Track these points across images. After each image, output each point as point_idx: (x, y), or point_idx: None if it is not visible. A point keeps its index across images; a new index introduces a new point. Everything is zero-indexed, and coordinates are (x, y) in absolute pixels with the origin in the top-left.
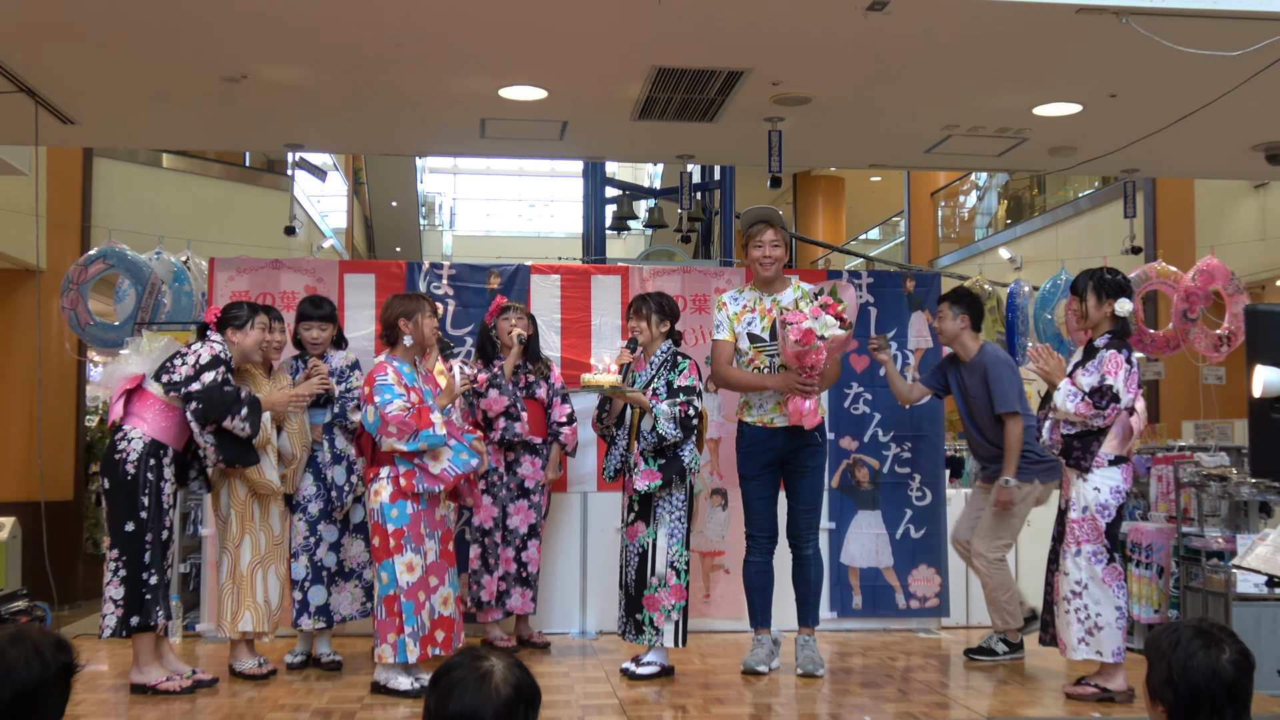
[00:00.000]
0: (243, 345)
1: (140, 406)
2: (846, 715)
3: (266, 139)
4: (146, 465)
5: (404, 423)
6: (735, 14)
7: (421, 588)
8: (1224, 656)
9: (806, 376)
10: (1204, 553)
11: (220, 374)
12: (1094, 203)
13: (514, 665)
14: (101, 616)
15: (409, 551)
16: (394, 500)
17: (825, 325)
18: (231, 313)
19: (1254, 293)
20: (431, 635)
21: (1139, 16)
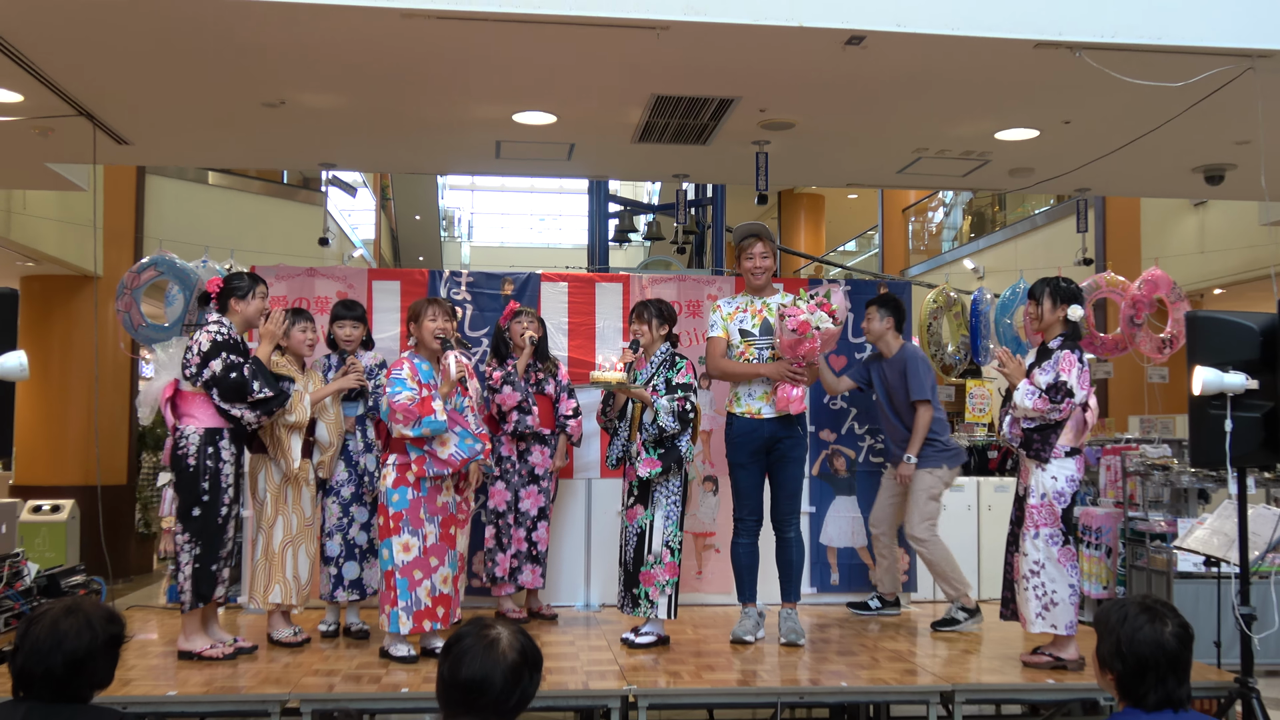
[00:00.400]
0: (245, 314)
1: (185, 405)
2: (825, 680)
3: (302, 158)
4: (205, 454)
5: (408, 410)
6: (727, 47)
7: (418, 567)
8: (1167, 630)
9: (798, 365)
10: (1148, 535)
11: (223, 359)
12: (1049, 218)
13: (518, 633)
14: (180, 593)
15: (406, 533)
16: (395, 485)
17: (820, 319)
18: (234, 283)
19: (1194, 300)
20: (432, 610)
21: (1091, 51)
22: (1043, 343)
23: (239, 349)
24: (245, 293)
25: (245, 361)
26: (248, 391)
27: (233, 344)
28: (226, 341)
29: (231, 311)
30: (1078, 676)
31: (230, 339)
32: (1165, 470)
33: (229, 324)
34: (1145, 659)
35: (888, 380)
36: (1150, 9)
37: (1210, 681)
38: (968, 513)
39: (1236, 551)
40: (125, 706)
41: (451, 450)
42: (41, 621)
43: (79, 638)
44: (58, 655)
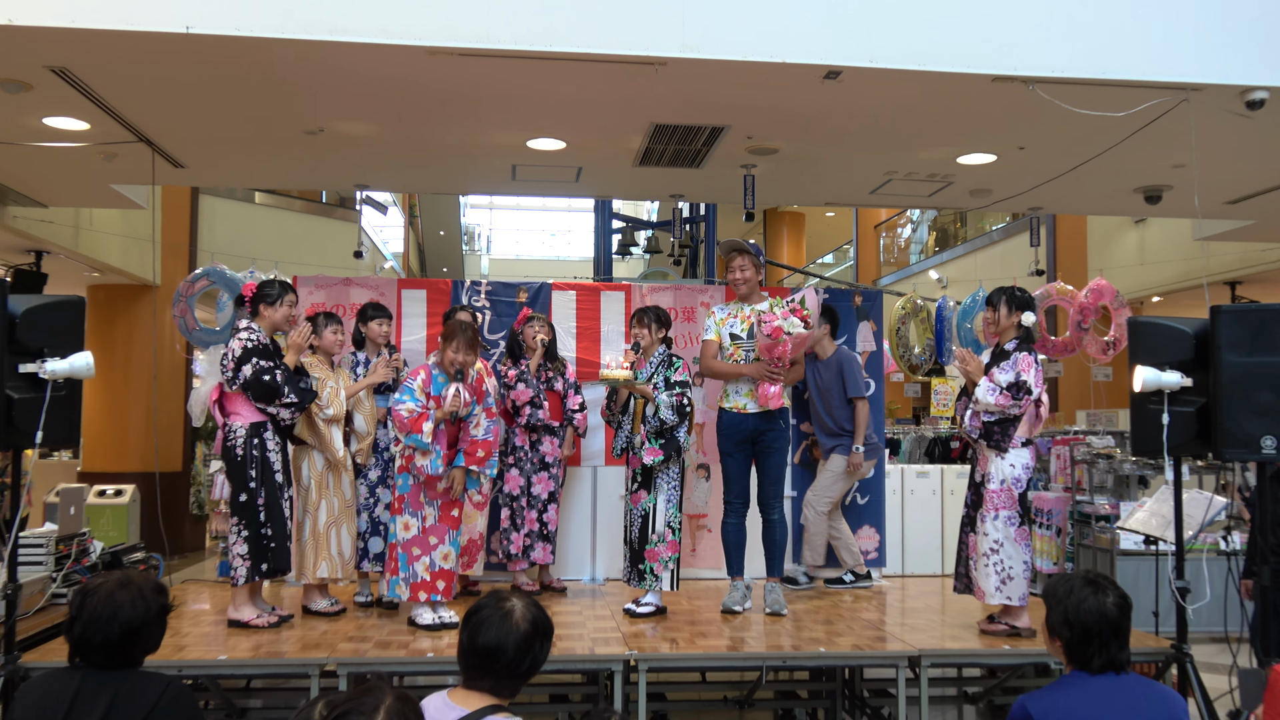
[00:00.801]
0: (272, 318)
1: (231, 404)
2: (805, 646)
3: (339, 180)
4: (251, 445)
5: (402, 421)
6: (718, 81)
7: (417, 544)
8: (1108, 600)
9: (775, 366)
10: (1094, 517)
11: (254, 365)
12: (1005, 234)
13: (531, 605)
14: (233, 569)
15: (407, 514)
16: (400, 471)
17: (792, 324)
18: (264, 290)
19: (1135, 307)
20: (431, 584)
21: (1043, 84)
22: (999, 345)
23: (267, 353)
24: (275, 300)
25: (275, 365)
26: (279, 395)
27: (261, 349)
28: (256, 347)
29: (260, 316)
30: (1030, 643)
31: (259, 344)
32: (1109, 459)
33: (258, 329)
34: (1089, 627)
35: (821, 380)
36: (1096, 46)
37: (1149, 648)
38: (932, 497)
39: (1173, 531)
40: (180, 669)
41: (423, 463)
42: (97, 594)
43: (133, 608)
44: (115, 625)
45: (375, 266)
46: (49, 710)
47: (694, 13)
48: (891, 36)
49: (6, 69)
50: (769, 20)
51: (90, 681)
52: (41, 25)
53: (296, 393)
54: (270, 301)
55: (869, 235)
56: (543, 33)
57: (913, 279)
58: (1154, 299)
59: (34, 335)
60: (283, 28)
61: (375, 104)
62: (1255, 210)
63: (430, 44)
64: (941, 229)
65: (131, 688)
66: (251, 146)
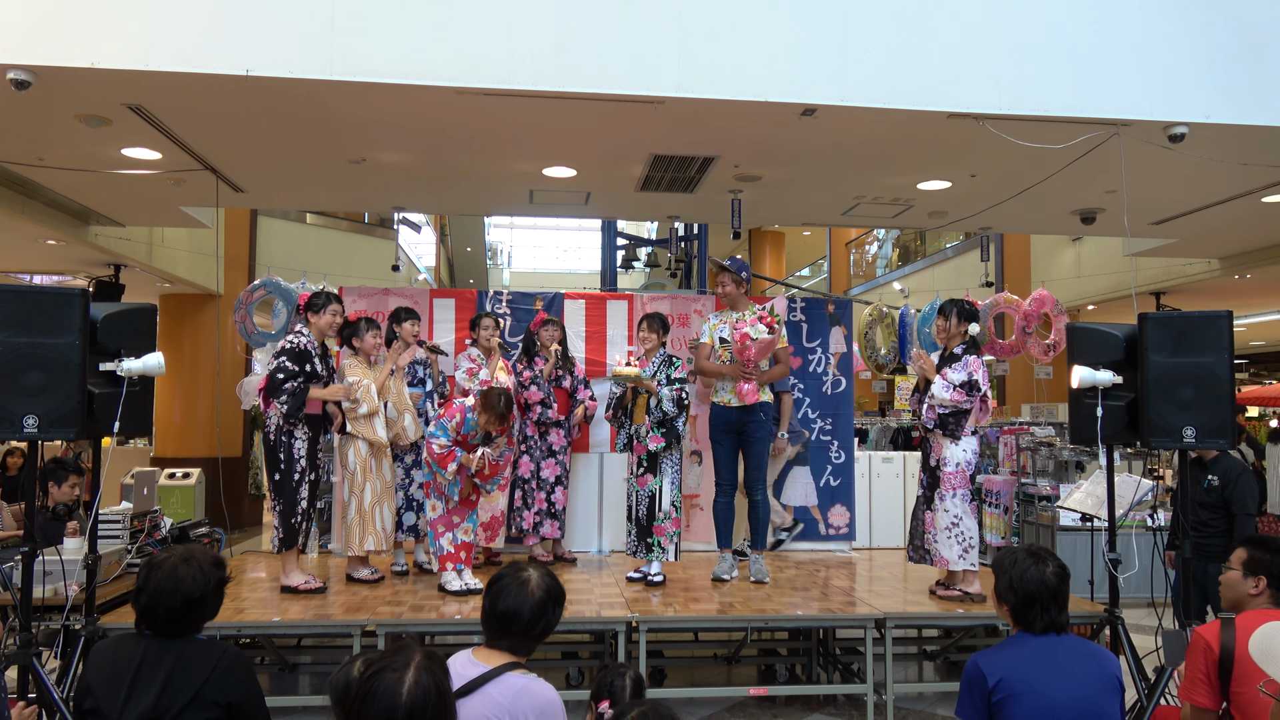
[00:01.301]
0: (318, 324)
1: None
2: (785, 610)
3: (378, 203)
4: (282, 432)
5: (433, 453)
6: (709, 117)
7: (443, 522)
8: (1048, 570)
9: (746, 366)
10: (1037, 497)
11: (278, 363)
12: (959, 250)
13: (546, 575)
14: (273, 540)
15: (434, 497)
16: (426, 462)
17: (758, 331)
18: (313, 300)
19: (1072, 314)
20: (455, 555)
21: (992, 120)
22: (948, 349)
23: (302, 357)
24: (319, 308)
25: (299, 374)
26: (277, 395)
27: (298, 353)
28: (292, 350)
29: (310, 323)
30: (981, 607)
31: (298, 348)
32: (1050, 446)
33: (307, 333)
34: (1031, 593)
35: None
36: (1038, 86)
37: (1085, 612)
38: (896, 480)
39: (1106, 510)
40: (240, 630)
41: (443, 483)
42: (162, 568)
43: (194, 581)
44: (177, 596)
45: (410, 278)
46: (119, 671)
47: (688, 57)
48: (860, 78)
49: (90, 106)
50: (753, 64)
51: (155, 647)
52: (119, 68)
53: (291, 407)
54: (316, 310)
55: (841, 251)
56: (557, 75)
57: (879, 290)
58: (1089, 307)
59: (112, 337)
60: (330, 71)
61: (410, 137)
62: (1178, 230)
63: (459, 85)
64: (904, 246)
65: (193, 653)
66: (302, 174)
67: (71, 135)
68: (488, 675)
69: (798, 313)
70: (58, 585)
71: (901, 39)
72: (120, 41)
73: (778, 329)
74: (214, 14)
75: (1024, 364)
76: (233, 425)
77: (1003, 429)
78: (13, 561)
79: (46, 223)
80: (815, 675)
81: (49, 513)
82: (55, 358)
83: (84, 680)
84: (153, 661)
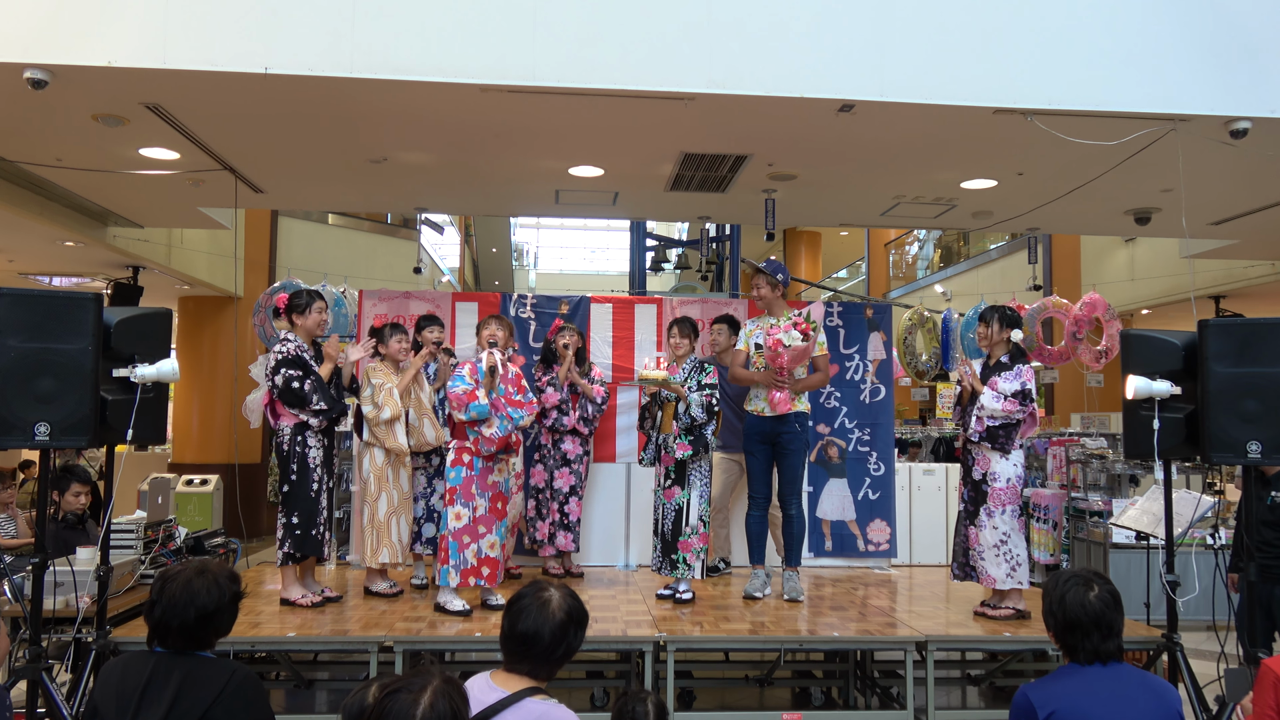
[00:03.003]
0: (305, 326)
1: (279, 408)
2: (820, 630)
3: (400, 203)
4: (294, 442)
5: (459, 397)
6: (742, 114)
7: (468, 533)
8: (1091, 594)
9: (779, 374)
10: (1088, 512)
11: (283, 375)
12: (1005, 251)
13: (568, 595)
14: (277, 551)
15: (459, 504)
16: (453, 465)
17: (791, 338)
18: (294, 300)
19: (1125, 320)
20: (478, 570)
21: (1041, 116)
22: (992, 357)
23: (299, 363)
24: (304, 308)
25: (306, 375)
26: (306, 403)
27: (291, 359)
28: (287, 358)
29: (296, 325)
30: (1029, 629)
31: (290, 355)
32: (1102, 459)
33: (294, 338)
34: (1073, 619)
35: (724, 386)
36: (1091, 79)
37: (1141, 637)
38: (938, 493)
39: (1163, 528)
40: (254, 645)
41: (494, 430)
42: (176, 581)
43: (209, 595)
44: (191, 610)
45: (434, 281)
46: (126, 689)
47: (720, 52)
48: (901, 72)
49: (107, 105)
50: (788, 58)
51: (164, 665)
52: (137, 66)
53: (325, 401)
54: (300, 310)
55: (879, 252)
56: (584, 71)
57: (919, 293)
58: (1143, 312)
59: (126, 343)
60: (351, 68)
61: (433, 136)
62: (1239, 230)
63: (483, 82)
64: (946, 247)
65: (202, 673)
66: (323, 174)
67: (89, 135)
68: (506, 701)
69: (834, 317)
70: (69, 596)
71: (943, 30)
72: (137, 40)
73: (813, 336)
74: (232, 11)
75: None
76: (251, 431)
77: (1051, 440)
78: (24, 571)
79: (65, 224)
80: (852, 700)
81: (61, 521)
82: (68, 364)
83: (92, 699)
84: (160, 680)
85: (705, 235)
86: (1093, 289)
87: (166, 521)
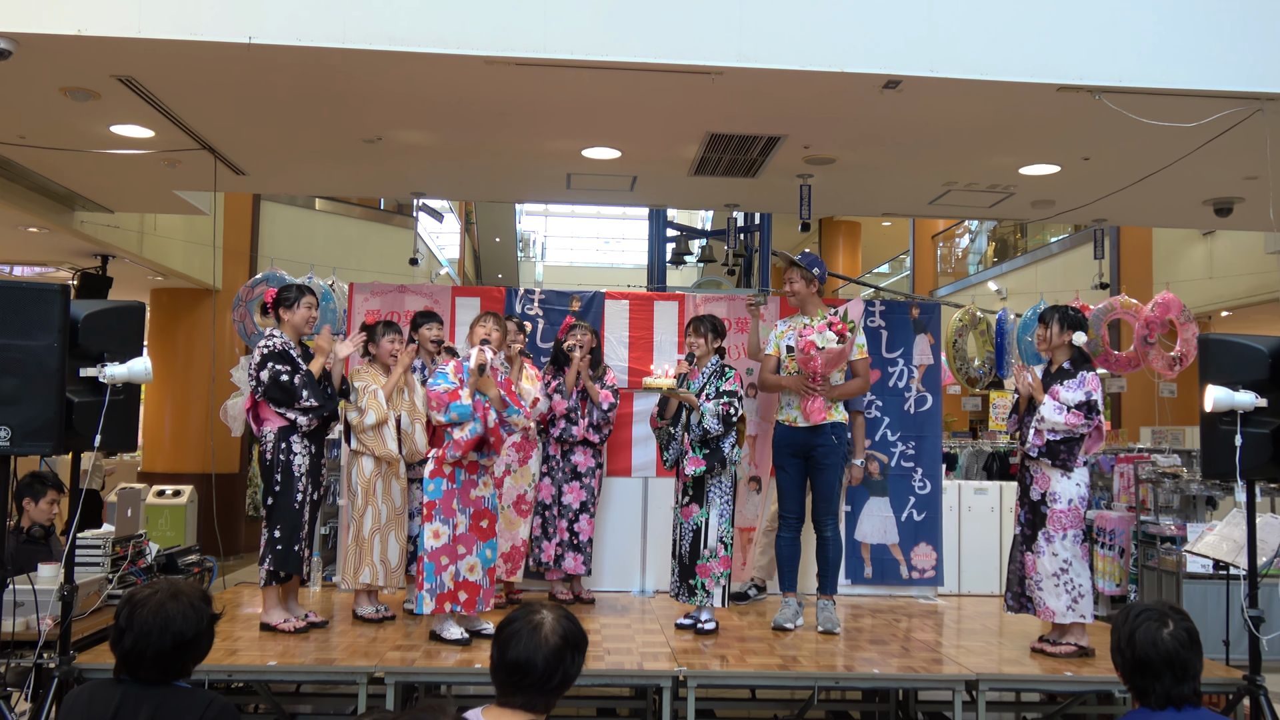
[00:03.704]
0: (293, 321)
1: (262, 411)
2: (859, 667)
3: (396, 188)
4: (279, 449)
5: (440, 397)
6: (775, 90)
7: (445, 553)
8: (1165, 631)
9: (812, 380)
10: (1159, 538)
11: (270, 369)
12: (1066, 245)
13: (564, 617)
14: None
15: (437, 521)
16: (432, 476)
17: (825, 339)
18: (282, 295)
19: (1202, 322)
20: (454, 594)
21: (1110, 94)
22: (1054, 363)
23: (286, 358)
24: (292, 303)
25: (294, 369)
26: (295, 398)
27: (279, 354)
28: (274, 352)
29: (283, 321)
30: (1093, 668)
31: (277, 349)
32: (1175, 478)
33: (280, 334)
34: (1141, 657)
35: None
36: (1166, 55)
37: (1219, 678)
38: (991, 514)
39: (1245, 557)
40: (231, 674)
41: (464, 434)
42: (147, 606)
43: (185, 619)
44: (167, 636)
45: (431, 273)
46: None
47: (751, 21)
48: (953, 45)
49: (76, 78)
50: (827, 29)
51: (133, 695)
52: (109, 35)
53: (316, 397)
54: (289, 305)
55: (926, 245)
56: (599, 42)
57: (971, 290)
58: (1223, 314)
59: (95, 340)
60: (343, 38)
61: (432, 113)
62: None
63: (488, 54)
64: (1001, 239)
65: (174, 703)
66: (311, 154)
67: (56, 111)
68: None
69: (876, 317)
70: (29, 618)
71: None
72: (110, 6)
73: (850, 337)
74: None
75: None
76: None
77: (1119, 456)
78: None
79: (28, 208)
80: None
81: (23, 534)
82: (31, 362)
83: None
84: (130, 712)
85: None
86: (1166, 288)
87: (136, 537)
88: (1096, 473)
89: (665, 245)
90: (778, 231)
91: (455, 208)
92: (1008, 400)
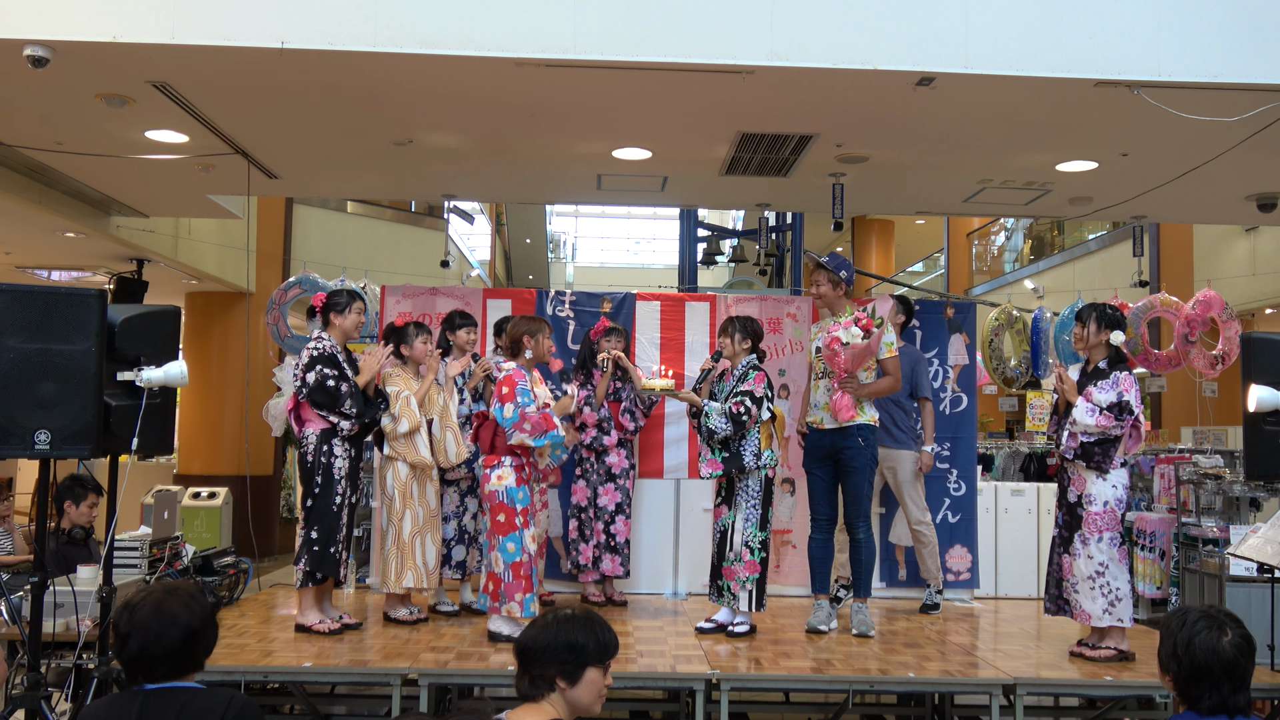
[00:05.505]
0: (342, 326)
1: (304, 413)
2: (894, 670)
3: (427, 190)
4: (320, 451)
5: (537, 422)
6: (807, 89)
7: (540, 556)
8: (1225, 639)
9: (839, 376)
10: (1201, 540)
11: (318, 372)
12: (1105, 243)
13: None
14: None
15: (532, 526)
16: (519, 485)
17: (851, 335)
18: (333, 299)
19: (1245, 320)
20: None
21: (1149, 89)
22: (1091, 363)
23: (334, 362)
24: (343, 308)
25: (339, 374)
26: (339, 402)
27: (327, 357)
28: (322, 355)
29: (331, 325)
30: (1134, 673)
31: (325, 353)
32: (1218, 479)
33: (328, 338)
34: (1200, 664)
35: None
36: (1206, 47)
37: (1264, 684)
38: (1028, 516)
39: None
40: (266, 675)
41: (548, 460)
42: (144, 607)
43: (189, 612)
44: (174, 632)
45: (462, 274)
46: None
47: (782, 20)
48: (987, 41)
49: (111, 84)
50: (859, 26)
51: (152, 701)
52: (144, 42)
53: (358, 404)
54: (339, 310)
55: (961, 243)
56: (629, 42)
57: (1007, 289)
58: (1266, 311)
59: (131, 344)
60: (374, 41)
61: (463, 115)
62: None
63: (518, 55)
64: (1037, 237)
65: (196, 705)
66: (343, 157)
67: (92, 117)
68: None
69: (910, 317)
70: (70, 619)
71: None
72: (144, 13)
73: (876, 334)
74: None
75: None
76: (263, 439)
77: (1159, 457)
78: (22, 591)
79: (66, 213)
80: None
81: (63, 536)
82: (69, 366)
83: None
84: (153, 718)
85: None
86: (1207, 285)
87: (173, 539)
88: (1136, 474)
89: (696, 245)
90: (810, 231)
91: (486, 209)
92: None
